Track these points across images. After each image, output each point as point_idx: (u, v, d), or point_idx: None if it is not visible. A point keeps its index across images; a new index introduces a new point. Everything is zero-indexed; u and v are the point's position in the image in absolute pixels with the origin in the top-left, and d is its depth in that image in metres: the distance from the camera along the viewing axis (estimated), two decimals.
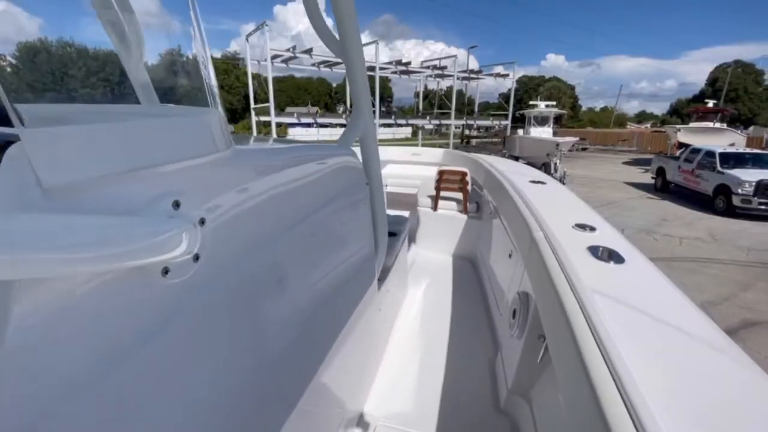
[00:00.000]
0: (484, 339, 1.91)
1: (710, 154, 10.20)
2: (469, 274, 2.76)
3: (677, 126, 18.63)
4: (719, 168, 9.57)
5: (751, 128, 26.93)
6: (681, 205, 10.40)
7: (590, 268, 1.00)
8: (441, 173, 3.10)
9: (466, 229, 3.05)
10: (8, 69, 0.77)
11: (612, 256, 1.06)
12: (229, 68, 41.67)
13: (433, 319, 2.13)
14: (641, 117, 75.08)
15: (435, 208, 3.20)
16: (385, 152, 5.05)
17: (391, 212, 4.23)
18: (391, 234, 1.97)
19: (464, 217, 3.08)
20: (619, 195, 11.87)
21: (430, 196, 3.24)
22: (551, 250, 1.13)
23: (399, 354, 1.81)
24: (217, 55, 46.51)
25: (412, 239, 3.24)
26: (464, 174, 3.02)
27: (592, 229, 1.27)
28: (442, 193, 3.15)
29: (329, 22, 1.28)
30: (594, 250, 1.09)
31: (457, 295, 2.42)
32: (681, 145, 17.35)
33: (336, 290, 1.07)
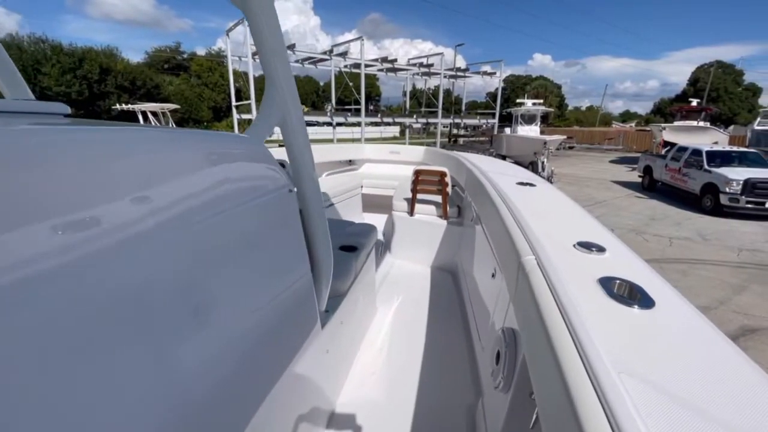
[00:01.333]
0: (463, 378, 1.59)
1: (697, 152, 10.12)
2: (449, 289, 2.45)
3: (662, 125, 18.70)
4: (706, 166, 9.49)
5: (731, 127, 27.30)
6: (668, 204, 10.31)
7: (603, 313, 0.68)
8: (417, 173, 2.72)
9: (446, 237, 2.71)
10: None
11: (634, 295, 0.74)
12: (214, 66, 40.77)
13: (404, 350, 1.81)
14: (626, 116, 76.27)
15: (411, 212, 2.85)
16: (360, 150, 4.67)
17: (367, 216, 3.88)
18: (351, 249, 1.63)
19: (444, 223, 2.75)
20: (607, 194, 11.76)
21: (406, 199, 2.91)
22: (546, 283, 0.80)
23: (359, 396, 1.47)
24: (202, 52, 45.57)
25: (387, 247, 2.91)
26: (443, 174, 2.65)
27: (600, 249, 0.95)
28: (420, 196, 2.81)
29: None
30: (607, 285, 0.77)
31: (434, 318, 2.09)
32: (666, 143, 17.41)
33: (249, 343, 0.74)
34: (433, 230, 2.75)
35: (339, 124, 17.95)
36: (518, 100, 19.41)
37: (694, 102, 19.99)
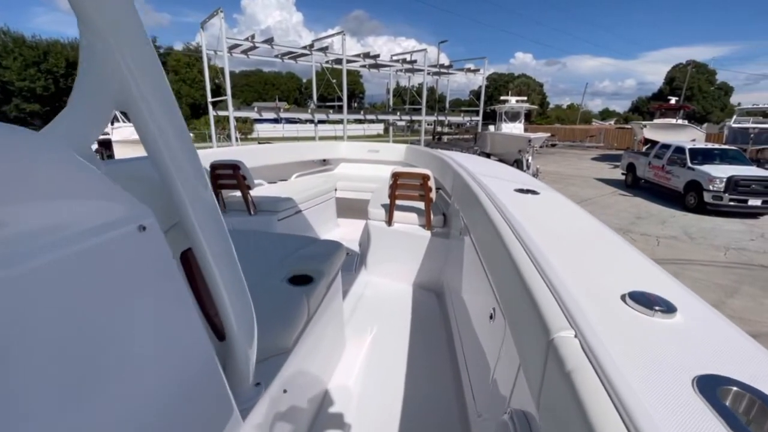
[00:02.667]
0: None
1: (680, 150, 10.11)
2: (433, 312, 2.11)
3: (643, 122, 18.94)
4: (689, 164, 9.47)
5: (705, 125, 27.97)
6: (653, 201, 10.28)
7: None
8: (396, 177, 2.32)
9: (430, 250, 2.35)
10: None
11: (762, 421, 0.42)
12: (192, 61, 39.51)
13: (379, 400, 1.45)
14: (605, 114, 77.80)
15: (389, 221, 2.45)
16: (335, 149, 4.23)
17: (343, 222, 3.51)
18: (305, 280, 1.28)
19: (427, 234, 2.38)
20: (592, 192, 11.70)
21: (384, 206, 2.55)
22: (591, 365, 0.48)
23: None
24: (179, 47, 44.10)
25: (362, 261, 2.56)
26: (426, 177, 2.26)
27: (669, 309, 0.62)
28: (400, 203, 2.43)
29: None
30: (711, 393, 0.44)
31: (417, 354, 1.74)
32: (647, 140, 17.65)
33: None
34: (414, 242, 2.37)
35: (321, 122, 17.48)
36: (502, 98, 19.30)
37: (673, 100, 20.30)
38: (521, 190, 1.53)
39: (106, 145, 8.85)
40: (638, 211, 9.25)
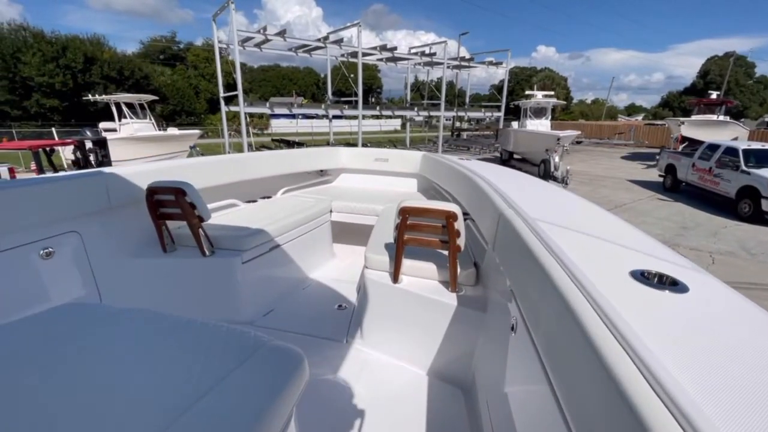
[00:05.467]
0: None
1: (732, 151, 9.03)
2: (458, 420, 1.42)
3: (680, 119, 17.55)
4: (744, 167, 8.42)
5: (742, 121, 26.04)
6: (697, 208, 9.26)
7: None
8: (405, 214, 1.51)
9: (456, 323, 1.55)
10: None
11: None
12: (211, 56, 39.57)
13: None
14: (631, 109, 74.61)
15: (395, 276, 1.65)
16: (335, 157, 3.47)
17: (340, 248, 2.80)
18: None
19: (452, 297, 1.56)
20: (625, 196, 10.70)
21: (389, 247, 1.77)
22: None
23: None
24: (199, 43, 44.24)
25: (357, 324, 1.86)
26: (451, 217, 1.45)
27: None
28: (411, 249, 1.63)
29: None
30: None
31: None
32: (684, 138, 16.36)
33: None
34: (431, 309, 1.58)
35: (336, 117, 16.87)
36: (527, 92, 18.17)
37: (714, 95, 18.78)
38: (646, 277, 0.80)
39: (100, 145, 8.43)
40: (683, 220, 8.28)
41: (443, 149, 20.16)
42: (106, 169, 1.88)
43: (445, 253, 1.54)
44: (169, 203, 1.82)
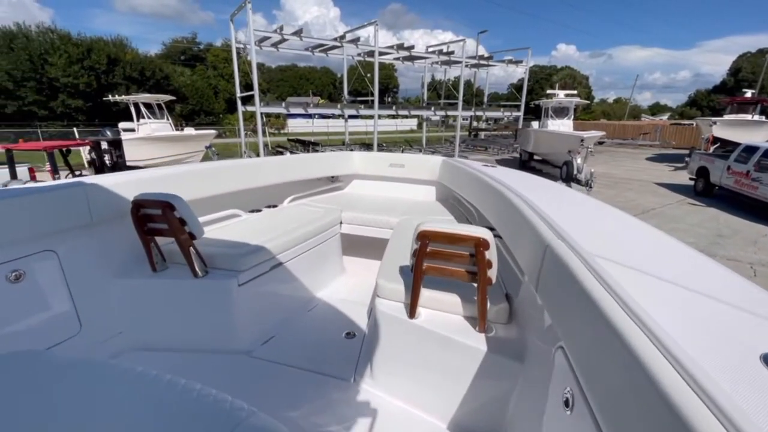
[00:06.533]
0: None
1: None
2: None
3: (712, 118, 16.68)
4: None
5: None
6: (733, 214, 8.70)
7: None
8: (424, 239, 1.26)
9: (485, 369, 1.27)
10: None
11: None
12: (230, 57, 40.18)
13: None
14: (655, 109, 72.10)
15: (412, 310, 1.39)
16: (347, 162, 3.21)
17: (350, 262, 2.58)
18: None
19: (480, 339, 1.29)
20: (653, 200, 10.17)
21: (404, 272, 1.53)
22: None
23: None
24: (218, 43, 44.90)
25: (367, 360, 1.62)
26: (482, 244, 1.20)
27: None
28: (431, 279, 1.36)
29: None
30: None
31: None
32: (716, 139, 15.55)
33: None
34: (455, 352, 1.31)
35: (352, 117, 16.71)
36: (549, 91, 17.61)
37: (749, 93, 17.81)
38: None
39: (115, 145, 8.45)
40: (718, 227, 7.77)
41: (460, 149, 19.78)
42: (87, 180, 1.69)
43: (472, 287, 1.30)
44: (158, 218, 1.62)
